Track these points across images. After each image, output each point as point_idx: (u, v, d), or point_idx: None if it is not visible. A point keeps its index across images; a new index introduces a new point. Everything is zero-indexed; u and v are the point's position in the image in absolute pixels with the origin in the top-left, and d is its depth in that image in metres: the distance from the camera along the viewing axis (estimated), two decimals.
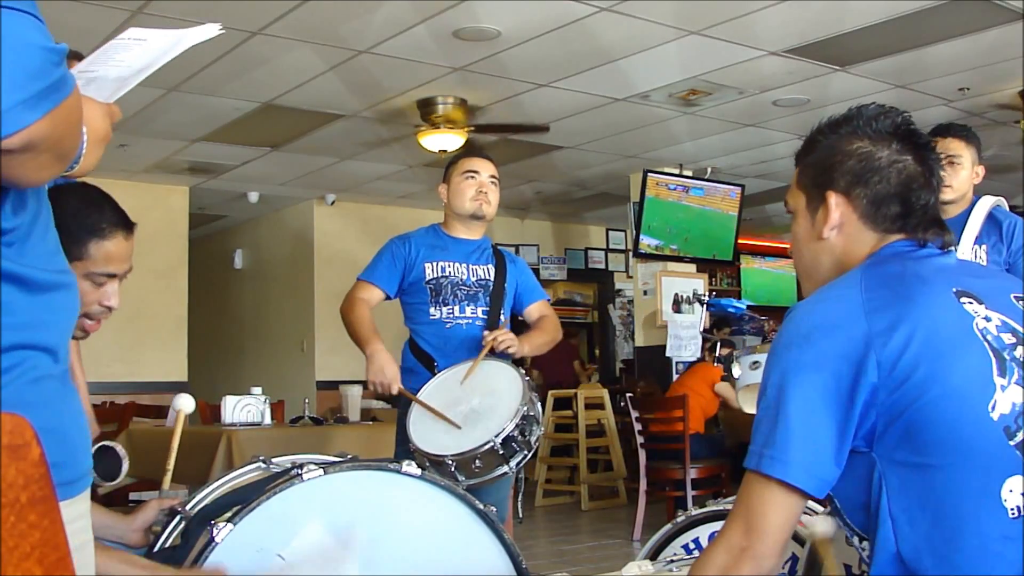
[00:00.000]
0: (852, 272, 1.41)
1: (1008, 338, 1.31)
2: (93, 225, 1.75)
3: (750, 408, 2.83)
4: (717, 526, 2.41)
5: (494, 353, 2.94)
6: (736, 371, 2.79)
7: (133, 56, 1.23)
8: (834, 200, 1.47)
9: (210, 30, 1.27)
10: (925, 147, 1.46)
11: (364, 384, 5.71)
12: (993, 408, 1.26)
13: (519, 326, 3.23)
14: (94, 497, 2.06)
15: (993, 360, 1.29)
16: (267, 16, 4.75)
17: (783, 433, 1.29)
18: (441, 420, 2.65)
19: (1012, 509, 1.23)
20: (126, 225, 1.80)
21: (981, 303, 1.34)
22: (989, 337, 1.31)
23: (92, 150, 1.17)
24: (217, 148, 7.31)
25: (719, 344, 6.61)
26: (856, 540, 1.38)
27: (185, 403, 2.40)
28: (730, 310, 7.46)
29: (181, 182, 8.48)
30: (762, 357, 2.70)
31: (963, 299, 1.34)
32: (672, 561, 2.22)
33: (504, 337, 2.93)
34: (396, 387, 2.88)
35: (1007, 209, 3.24)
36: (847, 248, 1.47)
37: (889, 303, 1.32)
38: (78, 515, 1.16)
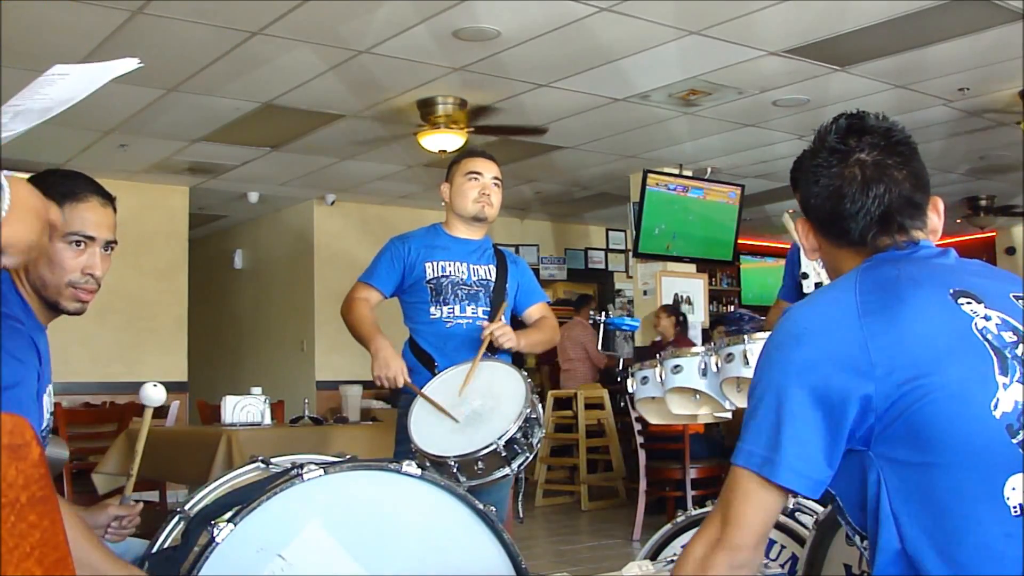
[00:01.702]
0: (848, 275, 1.41)
1: (1009, 336, 1.31)
2: (66, 190, 1.82)
3: (657, 420, 2.84)
4: None
5: (492, 348, 2.94)
6: (631, 386, 2.79)
7: (56, 89, 1.23)
8: (800, 227, 1.52)
9: (129, 64, 1.29)
10: (855, 148, 1.43)
11: (364, 384, 5.74)
12: (995, 406, 1.26)
13: (517, 327, 3.23)
14: (94, 499, 2.06)
15: (994, 359, 1.29)
16: (267, 16, 4.75)
17: (772, 433, 1.30)
18: (443, 419, 2.65)
19: (1015, 507, 1.23)
20: (102, 194, 1.87)
21: (980, 302, 1.34)
22: (989, 336, 1.30)
23: (19, 218, 1.11)
24: (217, 148, 7.31)
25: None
26: (857, 539, 1.38)
27: (153, 395, 2.06)
28: (624, 328, 7.49)
29: (181, 182, 8.48)
30: (651, 372, 2.69)
31: (961, 299, 1.34)
32: (672, 561, 2.22)
33: (501, 331, 2.94)
34: (402, 380, 2.87)
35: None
36: (834, 266, 1.51)
37: (883, 306, 1.32)
38: None
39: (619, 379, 6.75)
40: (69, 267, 1.81)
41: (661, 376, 2.66)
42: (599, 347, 8.66)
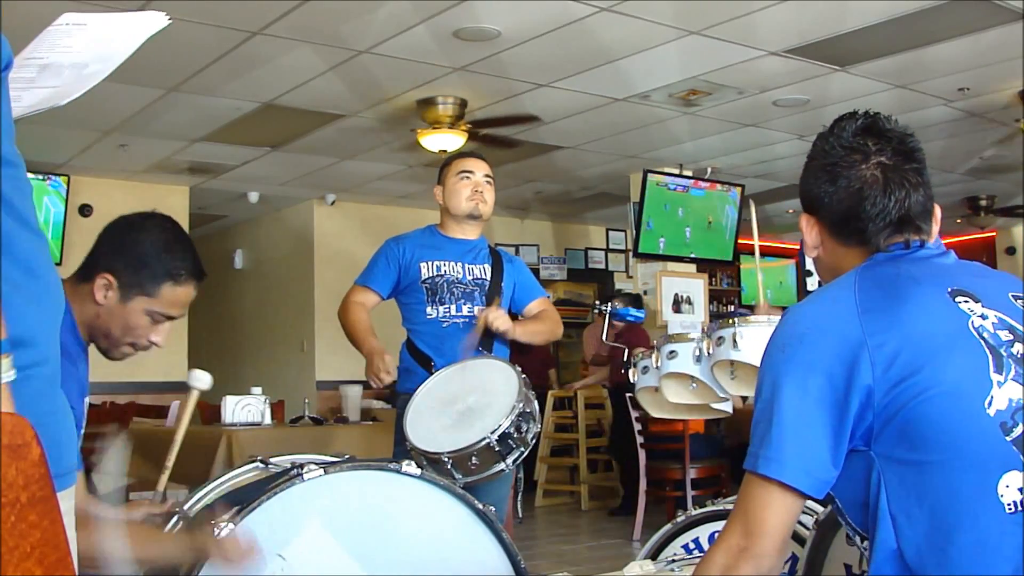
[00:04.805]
0: (848, 274, 1.42)
1: (1005, 335, 1.32)
2: (173, 269, 1.79)
3: (658, 412, 2.84)
4: (717, 526, 2.42)
5: (489, 333, 2.94)
6: (632, 376, 2.77)
7: (80, 42, 1.15)
8: (804, 223, 1.51)
9: (159, 19, 1.21)
10: (880, 150, 1.43)
11: (364, 384, 5.73)
12: (989, 404, 1.27)
13: None
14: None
15: (989, 357, 1.30)
16: (267, 16, 4.75)
17: (777, 433, 1.31)
18: (437, 417, 2.65)
19: (1009, 504, 1.24)
20: (199, 275, 1.84)
21: (978, 301, 1.35)
22: (985, 335, 1.31)
23: None
24: (217, 148, 7.30)
25: None
26: (858, 539, 1.38)
27: (202, 379, 2.15)
28: (629, 318, 7.49)
29: (181, 182, 8.48)
30: (650, 360, 2.68)
31: (958, 298, 1.35)
32: (673, 561, 2.22)
33: (496, 314, 2.94)
34: (389, 378, 2.90)
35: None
36: (835, 265, 1.49)
37: (882, 304, 1.33)
38: (63, 512, 1.15)
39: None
40: (139, 335, 1.82)
41: (658, 363, 2.63)
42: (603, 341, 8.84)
